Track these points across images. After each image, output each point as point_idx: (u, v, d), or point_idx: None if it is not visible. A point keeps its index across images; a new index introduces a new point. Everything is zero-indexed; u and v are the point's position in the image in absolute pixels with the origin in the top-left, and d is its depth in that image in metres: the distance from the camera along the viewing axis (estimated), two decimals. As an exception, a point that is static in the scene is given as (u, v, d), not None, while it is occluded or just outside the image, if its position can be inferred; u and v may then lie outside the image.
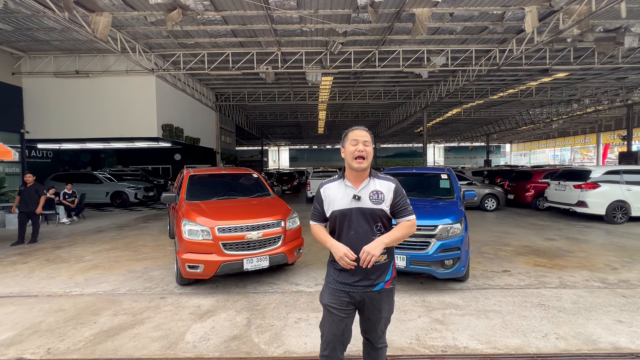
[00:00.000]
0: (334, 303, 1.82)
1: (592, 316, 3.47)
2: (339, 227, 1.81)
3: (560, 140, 38.46)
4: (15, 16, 8.65)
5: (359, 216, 1.77)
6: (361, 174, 1.80)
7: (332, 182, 1.89)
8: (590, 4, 7.66)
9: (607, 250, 6.13)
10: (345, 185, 1.82)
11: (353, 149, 1.76)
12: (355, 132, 1.80)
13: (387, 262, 1.84)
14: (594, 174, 9.06)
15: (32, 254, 6.33)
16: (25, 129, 11.88)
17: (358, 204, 1.77)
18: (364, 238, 1.75)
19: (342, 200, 1.80)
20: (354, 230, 1.76)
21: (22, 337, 3.16)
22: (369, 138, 1.80)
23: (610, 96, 19.46)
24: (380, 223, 1.79)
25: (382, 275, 1.82)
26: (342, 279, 1.83)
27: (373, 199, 1.78)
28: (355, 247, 1.74)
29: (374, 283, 1.79)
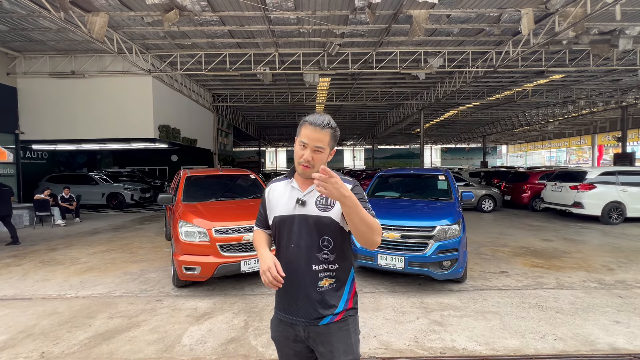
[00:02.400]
0: (279, 337, 1.47)
1: (589, 317, 3.48)
2: (279, 237, 1.44)
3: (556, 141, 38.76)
4: (11, 16, 8.58)
5: (301, 225, 1.37)
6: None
7: (279, 182, 1.52)
8: (585, 7, 7.73)
9: (604, 251, 6.17)
10: (292, 187, 1.43)
11: (300, 153, 1.34)
12: (308, 129, 1.32)
13: (336, 288, 1.40)
14: (590, 175, 9.13)
15: (27, 256, 6.25)
16: (20, 130, 11.77)
17: (302, 210, 1.38)
18: (306, 254, 1.36)
19: (285, 204, 1.42)
20: (295, 243, 1.38)
21: (16, 341, 3.11)
22: (324, 142, 1.32)
23: (605, 98, 19.64)
24: (327, 237, 1.37)
25: (331, 306, 1.37)
26: (282, 305, 1.44)
27: (320, 205, 1.37)
28: (294, 264, 1.37)
29: (319, 315, 1.36)
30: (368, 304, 3.87)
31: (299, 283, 1.38)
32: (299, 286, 1.38)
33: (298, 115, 24.97)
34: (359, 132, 36.64)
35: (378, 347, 2.94)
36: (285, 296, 1.43)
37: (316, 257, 1.37)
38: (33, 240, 7.70)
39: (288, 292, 1.40)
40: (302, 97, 18.90)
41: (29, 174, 12.35)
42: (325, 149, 1.35)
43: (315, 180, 1.12)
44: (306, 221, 1.37)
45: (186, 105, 15.17)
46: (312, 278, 1.37)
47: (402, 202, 5.27)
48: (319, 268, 1.37)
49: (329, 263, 1.38)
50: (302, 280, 1.37)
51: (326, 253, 1.37)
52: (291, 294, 1.40)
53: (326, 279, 1.38)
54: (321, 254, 1.37)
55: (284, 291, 1.40)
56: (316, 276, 1.37)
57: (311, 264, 1.37)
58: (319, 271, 1.37)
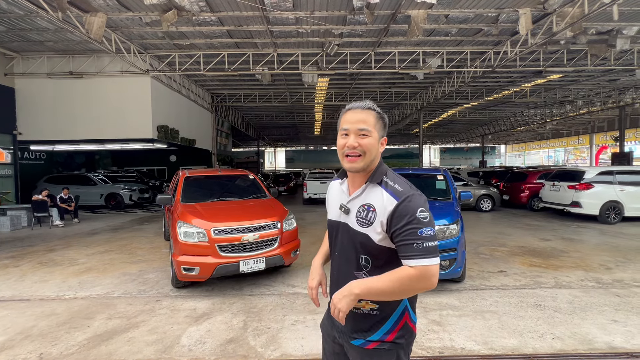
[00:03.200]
0: (324, 330, 1.42)
1: (587, 316, 3.49)
2: (330, 239, 1.37)
3: (554, 141, 38.88)
4: (8, 16, 8.55)
5: (343, 236, 1.24)
6: (358, 175, 1.23)
7: (336, 180, 1.39)
8: (583, 7, 7.76)
9: (601, 250, 6.19)
10: (342, 190, 1.31)
11: (342, 143, 1.20)
12: (347, 115, 1.20)
13: (379, 315, 1.20)
14: (588, 174, 9.16)
15: (25, 257, 6.23)
16: (18, 131, 11.73)
17: (345, 219, 1.24)
18: (346, 269, 1.25)
19: (334, 208, 1.31)
20: (339, 252, 1.27)
21: (14, 342, 3.11)
22: (369, 123, 1.17)
23: (602, 98, 19.71)
24: (364, 255, 1.18)
25: (368, 330, 1.21)
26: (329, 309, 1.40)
27: (359, 218, 1.18)
28: (338, 272, 1.28)
29: (350, 335, 1.25)
30: (367, 303, 3.87)
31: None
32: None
33: (297, 115, 24.99)
34: (358, 132, 36.54)
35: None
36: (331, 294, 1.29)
37: (355, 275, 1.20)
38: (31, 241, 7.67)
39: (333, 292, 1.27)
40: (301, 97, 18.90)
41: (27, 174, 12.32)
42: (372, 131, 1.17)
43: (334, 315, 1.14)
44: (347, 233, 1.23)
45: (185, 105, 15.15)
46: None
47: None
48: None
49: None
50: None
51: (365, 273, 1.19)
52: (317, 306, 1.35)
53: (365, 302, 1.19)
54: (360, 273, 1.20)
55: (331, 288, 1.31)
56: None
57: (350, 279, 1.18)
58: None
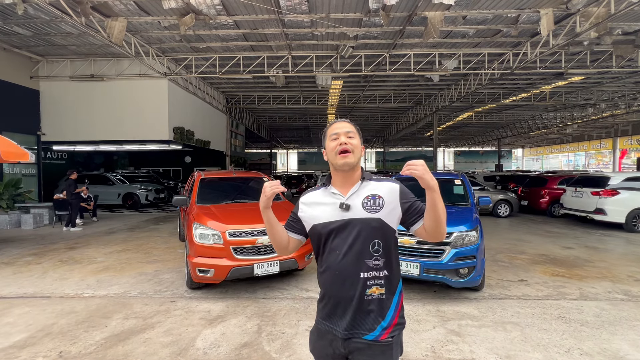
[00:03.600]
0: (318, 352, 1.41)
1: (617, 331, 3.31)
2: (322, 246, 1.38)
3: (574, 145, 37.61)
4: (34, 21, 8.88)
5: (348, 231, 1.33)
6: (349, 175, 1.38)
7: (315, 190, 1.48)
8: (609, 6, 7.47)
9: (629, 260, 5.90)
10: (332, 193, 1.40)
11: (334, 144, 1.36)
12: (334, 125, 1.41)
13: (386, 299, 1.34)
14: (613, 180, 8.78)
15: (46, 254, 6.42)
16: (42, 131, 12.16)
17: (346, 215, 1.34)
18: (353, 261, 1.31)
19: (326, 211, 1.38)
20: (340, 250, 1.33)
21: (35, 340, 3.17)
22: (352, 129, 1.39)
23: (627, 100, 18.94)
24: (378, 240, 1.32)
25: (378, 318, 1.31)
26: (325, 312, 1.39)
27: (368, 206, 1.34)
28: (341, 272, 1.32)
29: (365, 327, 1.30)
30: (382, 310, 3.78)
31: (346, 292, 1.32)
32: (345, 295, 1.32)
33: (310, 118, 25.03)
34: (371, 134, 36.41)
35: (394, 356, 2.86)
36: (328, 304, 1.37)
37: (365, 263, 1.31)
38: (52, 239, 7.91)
39: (333, 301, 1.35)
40: (314, 100, 18.92)
41: (49, 174, 12.74)
42: (356, 135, 1.39)
43: (406, 167, 1.24)
44: (353, 225, 1.33)
45: (200, 107, 15.39)
46: (361, 286, 1.31)
47: (417, 206, 5.15)
48: (368, 275, 1.32)
49: (379, 269, 1.33)
50: (350, 289, 1.32)
51: (377, 258, 1.32)
52: (336, 302, 1.34)
53: (376, 287, 1.32)
54: (371, 260, 1.32)
55: (328, 299, 1.37)
56: (364, 284, 1.31)
57: (359, 271, 1.31)
58: (367, 278, 1.31)
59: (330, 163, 1.41)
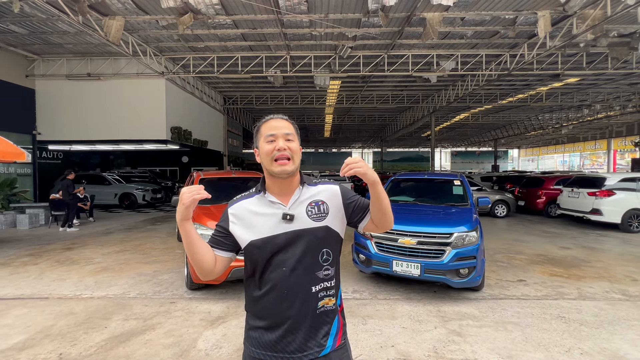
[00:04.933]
0: None
1: (616, 330, 3.34)
2: (262, 262, 1.19)
3: (569, 145, 37.94)
4: (31, 20, 8.79)
5: (294, 244, 1.19)
6: (288, 182, 1.23)
7: (247, 199, 1.27)
8: (605, 9, 7.54)
9: (626, 260, 5.96)
10: (270, 202, 1.23)
11: (270, 148, 1.18)
12: (270, 122, 1.22)
13: (334, 309, 1.24)
14: (609, 181, 8.87)
15: (43, 255, 6.35)
16: (37, 131, 12.04)
17: (291, 226, 1.20)
18: (302, 276, 1.18)
19: (265, 223, 1.21)
20: (287, 266, 1.18)
21: (34, 342, 3.14)
22: (292, 130, 1.22)
23: (622, 102, 19.14)
24: (326, 248, 1.22)
25: (331, 329, 1.22)
26: (264, 340, 1.19)
27: (313, 214, 1.22)
28: (290, 290, 1.17)
29: (320, 343, 1.19)
30: (383, 311, 3.79)
31: (297, 312, 1.18)
32: (296, 315, 1.18)
33: (307, 118, 25.03)
34: (368, 134, 36.47)
35: (397, 357, 2.87)
36: (273, 330, 1.18)
37: (316, 276, 1.20)
38: (49, 239, 7.83)
39: (279, 325, 1.18)
40: (312, 100, 18.92)
41: (45, 173, 12.61)
42: (295, 137, 1.23)
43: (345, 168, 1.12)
44: (300, 237, 1.20)
45: (198, 107, 15.32)
46: (312, 302, 1.19)
47: (418, 207, 5.18)
48: (320, 287, 1.21)
49: (329, 280, 1.23)
50: (301, 307, 1.18)
51: (327, 268, 1.22)
52: (284, 325, 1.17)
53: (328, 299, 1.22)
54: (322, 271, 1.21)
55: (272, 324, 1.19)
56: (316, 298, 1.20)
57: (311, 285, 1.19)
58: (319, 291, 1.20)
59: (264, 167, 1.23)
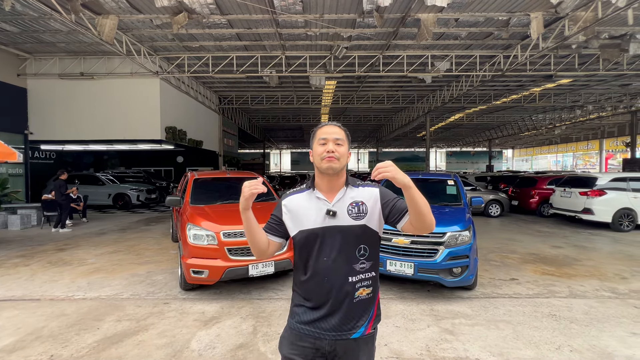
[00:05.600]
0: (294, 355, 1.38)
1: (605, 328, 3.40)
2: (308, 251, 1.38)
3: (562, 146, 38.40)
4: (22, 18, 8.68)
5: (334, 237, 1.36)
6: (335, 181, 1.40)
7: (298, 193, 1.46)
8: (596, 11, 7.65)
9: (616, 259, 6.05)
10: (317, 198, 1.40)
11: (321, 150, 1.37)
12: (324, 129, 1.40)
13: (371, 297, 1.40)
14: (600, 181, 8.99)
15: (35, 256, 6.28)
16: (29, 130, 11.89)
17: (333, 222, 1.36)
18: (341, 267, 1.35)
19: (312, 217, 1.38)
20: (328, 257, 1.35)
21: (25, 343, 3.11)
22: (342, 136, 1.40)
23: (613, 102, 19.40)
24: (363, 245, 1.37)
25: (364, 316, 1.38)
26: (306, 317, 1.37)
27: (352, 214, 1.37)
28: (328, 278, 1.35)
29: (353, 327, 1.36)
30: (377, 310, 3.81)
31: (335, 297, 1.34)
32: (334, 300, 1.34)
33: (303, 118, 25.03)
34: (364, 135, 36.59)
35: (390, 355, 2.89)
36: (314, 309, 1.37)
37: (353, 268, 1.36)
38: (41, 240, 7.74)
39: (319, 307, 1.36)
40: (308, 100, 18.92)
41: (37, 174, 12.46)
42: (345, 142, 1.40)
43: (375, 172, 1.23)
44: (340, 232, 1.36)
45: (193, 107, 15.24)
46: (350, 290, 1.35)
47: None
48: (356, 279, 1.36)
49: (366, 272, 1.38)
50: (338, 294, 1.34)
51: (363, 262, 1.38)
52: (324, 307, 1.35)
53: (363, 289, 1.38)
54: (358, 264, 1.37)
55: (313, 305, 1.37)
56: (353, 287, 1.35)
57: (348, 276, 1.35)
58: (356, 282, 1.36)
59: (315, 166, 1.41)
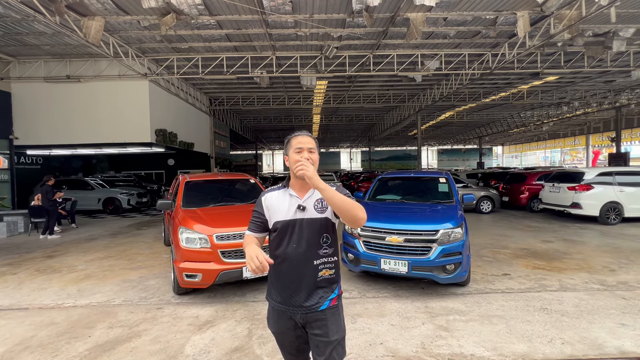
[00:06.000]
0: (280, 329, 1.69)
1: (595, 320, 3.46)
2: (279, 239, 1.64)
3: (550, 142, 39.13)
4: (5, 20, 8.47)
5: (302, 227, 1.61)
6: (306, 183, 1.60)
7: (275, 191, 1.73)
8: (580, 9, 7.81)
9: (603, 251, 6.19)
10: (290, 195, 1.66)
11: (297, 158, 1.59)
12: (298, 138, 1.64)
13: (334, 277, 1.66)
14: (587, 175, 9.19)
15: (22, 264, 6.13)
16: (14, 135, 11.61)
17: (303, 215, 1.62)
18: (307, 252, 1.60)
19: (285, 210, 1.64)
20: (296, 243, 1.61)
21: (13, 354, 3.03)
22: (313, 145, 1.65)
23: (598, 99, 19.85)
24: (326, 234, 1.64)
25: (328, 292, 1.64)
26: (280, 297, 1.65)
27: (318, 208, 1.63)
28: (297, 261, 1.60)
29: (318, 301, 1.61)
30: (372, 309, 3.82)
31: (300, 278, 1.60)
32: (300, 280, 1.60)
33: (295, 118, 24.98)
34: (356, 134, 36.69)
35: (385, 354, 2.90)
36: (285, 289, 1.64)
37: (317, 253, 1.62)
38: (28, 247, 7.56)
39: (289, 286, 1.63)
40: (299, 100, 18.90)
41: (24, 179, 12.18)
42: (316, 150, 1.66)
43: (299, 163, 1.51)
44: (307, 223, 1.62)
45: (183, 109, 15.08)
46: (313, 271, 1.61)
47: (404, 205, 5.25)
48: (319, 262, 1.62)
49: (329, 256, 1.65)
50: (304, 275, 1.60)
51: (326, 248, 1.64)
52: (293, 287, 1.62)
53: (326, 270, 1.64)
54: (321, 250, 1.63)
55: (284, 285, 1.64)
56: (316, 269, 1.61)
57: (312, 259, 1.61)
58: (318, 264, 1.62)
59: (290, 170, 1.65)
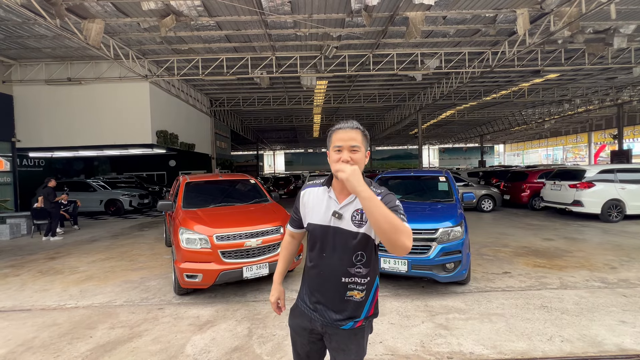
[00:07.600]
0: (297, 326, 1.55)
1: (595, 317, 3.46)
2: (313, 243, 1.47)
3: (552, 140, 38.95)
4: (6, 24, 8.53)
5: (335, 238, 1.40)
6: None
7: (316, 187, 1.52)
8: (580, 6, 7.78)
9: (605, 249, 6.17)
10: (329, 197, 1.44)
11: (337, 158, 1.36)
12: (339, 134, 1.37)
13: (364, 300, 1.44)
14: (589, 173, 9.15)
15: (25, 265, 6.17)
16: (17, 138, 11.68)
17: (337, 223, 1.39)
18: (337, 266, 1.39)
19: (321, 213, 1.44)
20: (327, 254, 1.41)
21: (15, 355, 3.06)
22: (358, 140, 1.35)
23: (600, 96, 19.76)
24: (361, 251, 1.38)
25: (355, 315, 1.44)
26: (306, 297, 1.51)
27: (355, 220, 1.37)
28: (326, 273, 1.42)
29: (342, 321, 1.43)
30: (372, 308, 3.83)
31: (326, 289, 1.43)
32: (327, 292, 1.43)
33: (296, 118, 24.99)
34: (357, 133, 36.56)
35: (384, 352, 2.90)
36: (312, 294, 1.48)
37: (347, 270, 1.40)
38: (31, 249, 7.61)
39: (314, 293, 1.47)
40: (300, 100, 18.91)
41: (26, 182, 12.25)
42: (361, 147, 1.37)
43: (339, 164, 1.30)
44: (341, 235, 1.39)
45: (184, 110, 15.13)
46: (341, 288, 1.41)
47: (404, 204, 5.18)
48: (349, 280, 1.40)
49: (362, 277, 1.41)
50: (330, 289, 1.42)
51: (359, 267, 1.40)
52: (318, 295, 1.46)
53: (357, 292, 1.42)
54: (354, 268, 1.40)
55: (311, 289, 1.49)
56: (345, 287, 1.41)
57: (341, 276, 1.40)
58: (348, 283, 1.41)
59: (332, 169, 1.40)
